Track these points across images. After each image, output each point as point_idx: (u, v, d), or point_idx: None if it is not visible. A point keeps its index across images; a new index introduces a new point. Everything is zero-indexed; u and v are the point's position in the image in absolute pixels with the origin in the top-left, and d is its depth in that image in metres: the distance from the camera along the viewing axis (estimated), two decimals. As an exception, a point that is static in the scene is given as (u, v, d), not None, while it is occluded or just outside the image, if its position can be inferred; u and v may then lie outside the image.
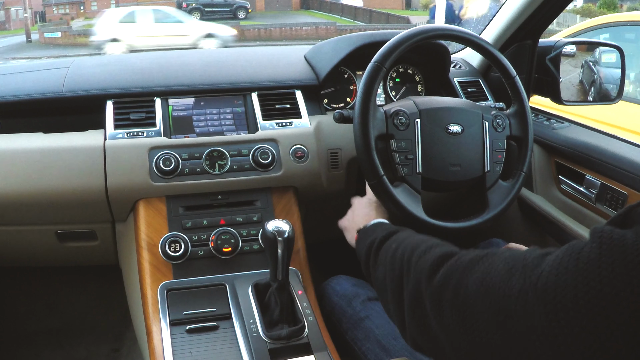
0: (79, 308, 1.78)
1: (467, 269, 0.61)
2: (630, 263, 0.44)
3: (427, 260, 0.69)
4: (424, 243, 0.76)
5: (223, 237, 1.11)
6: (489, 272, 0.58)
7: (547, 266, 0.50)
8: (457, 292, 0.60)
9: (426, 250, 0.73)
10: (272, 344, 0.95)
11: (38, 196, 1.13)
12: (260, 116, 1.25)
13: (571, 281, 0.47)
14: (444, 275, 0.64)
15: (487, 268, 0.58)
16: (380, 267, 0.83)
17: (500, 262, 0.58)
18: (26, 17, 17.26)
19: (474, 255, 0.63)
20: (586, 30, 3.26)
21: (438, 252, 0.70)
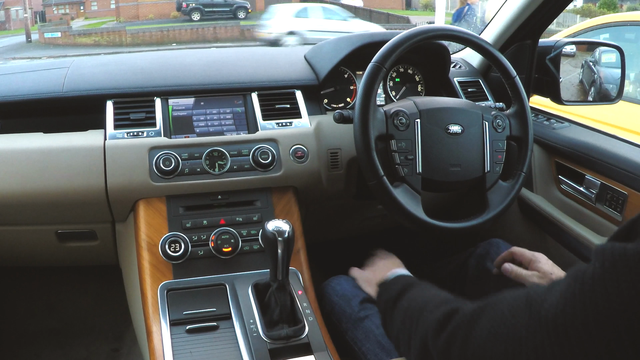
0: (79, 308, 1.78)
1: (471, 321, 0.62)
2: (635, 274, 0.43)
3: (433, 319, 0.70)
4: (432, 302, 0.77)
5: (223, 237, 1.11)
6: (494, 319, 0.58)
7: (554, 298, 0.49)
8: (466, 345, 0.61)
9: (433, 310, 0.73)
10: (272, 344, 0.95)
11: (38, 196, 1.13)
12: (260, 116, 1.25)
13: (580, 306, 0.46)
14: (451, 331, 0.65)
15: (492, 316, 0.59)
16: (395, 324, 0.85)
17: (504, 307, 0.58)
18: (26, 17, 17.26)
19: (475, 307, 0.64)
20: (586, 30, 3.26)
21: (442, 310, 0.70)
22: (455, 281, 1.26)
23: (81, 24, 19.87)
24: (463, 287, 1.24)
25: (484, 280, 1.18)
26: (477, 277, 1.20)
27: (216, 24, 17.26)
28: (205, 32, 16.51)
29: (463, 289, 1.23)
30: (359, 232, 1.69)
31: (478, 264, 1.21)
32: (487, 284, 1.16)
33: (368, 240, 1.90)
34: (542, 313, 0.50)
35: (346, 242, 1.92)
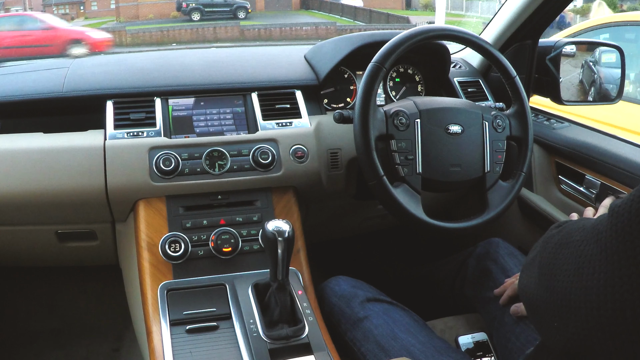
0: (79, 308, 1.78)
1: (549, 234, 0.70)
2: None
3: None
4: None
5: (223, 237, 1.11)
6: (566, 231, 0.65)
7: (617, 207, 0.55)
8: (540, 256, 0.68)
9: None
10: (272, 344, 0.95)
11: (38, 196, 1.13)
12: (260, 116, 1.25)
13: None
14: (544, 240, 0.72)
15: (563, 229, 0.67)
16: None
17: (576, 222, 0.69)
18: (26, 17, 17.23)
19: (555, 225, 0.75)
20: (586, 30, 3.26)
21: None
22: (455, 281, 1.26)
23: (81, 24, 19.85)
24: (463, 287, 1.24)
25: (483, 280, 1.18)
26: (477, 277, 1.20)
27: (216, 24, 17.24)
28: (205, 32, 16.49)
29: (463, 289, 1.23)
30: (359, 232, 1.69)
31: (478, 263, 1.21)
32: (487, 283, 1.16)
33: (368, 240, 1.91)
34: (604, 217, 0.56)
35: (346, 242, 1.92)
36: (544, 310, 0.65)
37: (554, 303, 0.62)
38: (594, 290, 0.55)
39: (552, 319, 0.62)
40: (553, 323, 0.62)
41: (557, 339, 0.62)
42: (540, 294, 0.66)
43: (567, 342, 0.60)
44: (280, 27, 16.94)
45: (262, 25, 17.18)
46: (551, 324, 0.63)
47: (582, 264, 0.58)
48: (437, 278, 1.34)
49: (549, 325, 0.63)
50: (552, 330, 0.63)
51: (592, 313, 0.55)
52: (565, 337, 0.60)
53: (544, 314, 0.65)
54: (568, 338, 0.60)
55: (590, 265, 0.56)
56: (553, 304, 0.62)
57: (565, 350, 0.62)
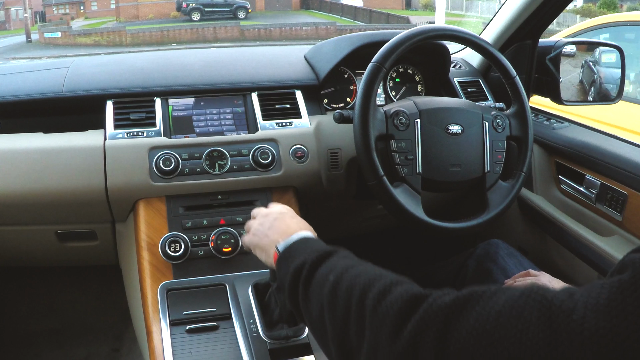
0: (79, 308, 1.78)
1: (449, 316, 0.48)
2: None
3: (389, 308, 0.53)
4: (377, 280, 0.58)
5: (223, 237, 1.11)
6: (486, 317, 0.46)
7: (588, 310, 0.41)
8: (441, 349, 0.47)
9: (385, 291, 0.56)
10: (272, 344, 0.95)
11: (38, 196, 1.13)
12: (260, 116, 1.25)
13: (631, 317, 0.39)
14: (417, 326, 0.49)
15: (481, 315, 0.46)
16: (314, 302, 0.65)
17: (500, 306, 0.46)
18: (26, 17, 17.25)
19: (453, 297, 0.51)
20: (586, 30, 3.26)
21: (404, 295, 0.54)
22: (455, 282, 1.26)
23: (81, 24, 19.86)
24: (463, 288, 1.23)
25: (483, 281, 1.17)
26: (477, 278, 1.20)
27: (216, 24, 17.25)
28: (205, 32, 16.50)
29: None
30: (359, 232, 1.69)
31: (478, 264, 1.21)
32: (487, 285, 1.16)
33: (368, 240, 1.91)
34: (573, 327, 0.40)
35: (346, 242, 1.92)
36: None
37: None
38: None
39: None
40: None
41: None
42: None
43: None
44: (280, 27, 16.95)
45: (262, 25, 17.19)
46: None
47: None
48: (437, 279, 1.34)
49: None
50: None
51: None
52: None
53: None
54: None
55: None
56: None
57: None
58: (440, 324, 0.48)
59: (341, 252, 0.70)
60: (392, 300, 0.54)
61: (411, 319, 0.50)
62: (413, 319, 0.50)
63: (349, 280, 0.61)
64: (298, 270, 0.69)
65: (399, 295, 0.54)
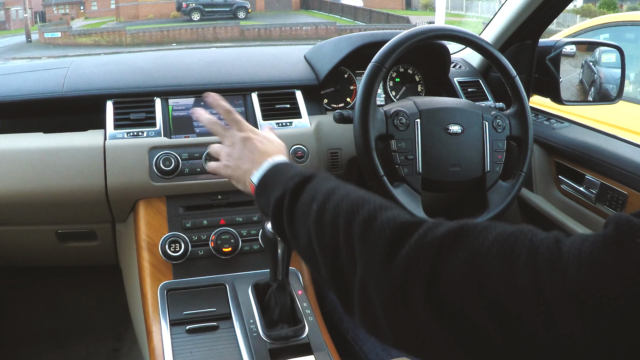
0: (79, 308, 1.78)
1: (441, 250, 0.47)
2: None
3: (378, 236, 0.51)
4: (363, 204, 0.57)
5: (223, 237, 1.11)
6: (476, 256, 0.45)
7: (571, 261, 0.40)
8: (432, 285, 0.46)
9: (371, 217, 0.54)
10: (272, 344, 0.95)
11: (38, 196, 1.13)
12: (260, 116, 1.25)
13: (616, 272, 0.38)
14: (408, 259, 0.48)
15: (471, 251, 0.45)
16: (300, 231, 0.63)
17: (490, 243, 0.45)
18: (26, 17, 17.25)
19: (445, 230, 0.48)
20: (586, 30, 3.26)
21: (392, 223, 0.52)
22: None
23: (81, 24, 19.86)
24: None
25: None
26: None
27: (216, 24, 17.25)
28: (205, 32, 16.50)
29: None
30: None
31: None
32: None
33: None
34: (557, 276, 0.40)
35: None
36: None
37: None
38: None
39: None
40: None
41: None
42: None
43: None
44: (280, 27, 16.96)
45: (262, 25, 17.19)
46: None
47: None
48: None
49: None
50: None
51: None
52: None
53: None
54: None
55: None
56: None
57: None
58: (431, 257, 0.47)
59: (320, 174, 0.68)
60: (380, 227, 0.52)
61: (401, 249, 0.49)
62: (403, 249, 0.49)
63: (332, 207, 0.59)
64: (279, 201, 0.67)
65: (386, 222, 0.52)
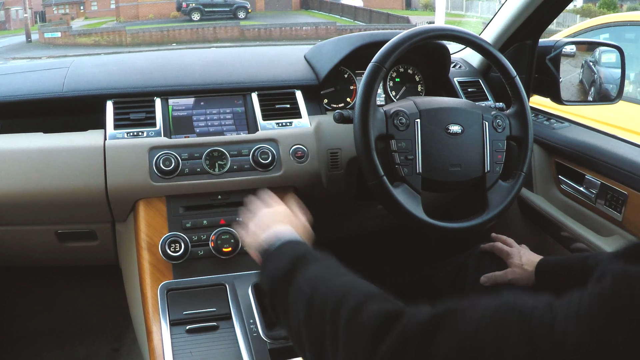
0: (79, 308, 1.78)
1: (428, 331, 0.47)
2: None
3: (363, 327, 0.52)
4: (349, 296, 0.57)
5: (223, 237, 1.11)
6: (464, 334, 0.44)
7: (569, 323, 0.40)
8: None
9: (357, 308, 0.54)
10: (272, 344, 0.95)
11: (38, 196, 1.13)
12: (260, 116, 1.25)
13: (608, 324, 0.38)
14: (394, 345, 0.48)
15: (459, 329, 0.45)
16: (291, 315, 0.64)
17: (478, 319, 0.44)
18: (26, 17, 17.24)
19: (430, 315, 0.48)
20: (586, 30, 3.26)
21: (377, 313, 0.52)
22: (455, 282, 1.26)
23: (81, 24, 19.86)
24: (463, 288, 1.23)
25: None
26: (477, 278, 1.20)
27: (216, 24, 17.24)
28: (205, 32, 16.49)
29: (463, 290, 1.23)
30: (359, 232, 1.69)
31: (478, 264, 1.21)
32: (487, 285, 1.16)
33: (368, 240, 1.91)
34: (554, 340, 0.39)
35: (346, 242, 1.92)
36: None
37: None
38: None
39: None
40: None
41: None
42: None
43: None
44: (280, 27, 16.95)
45: (262, 25, 17.18)
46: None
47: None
48: (437, 279, 1.33)
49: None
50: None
51: None
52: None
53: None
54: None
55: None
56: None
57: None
58: (418, 343, 0.46)
59: (316, 257, 0.69)
60: (365, 319, 0.52)
61: (386, 339, 0.49)
62: (388, 338, 0.49)
63: (323, 294, 0.60)
64: (272, 278, 0.69)
65: (372, 313, 0.52)
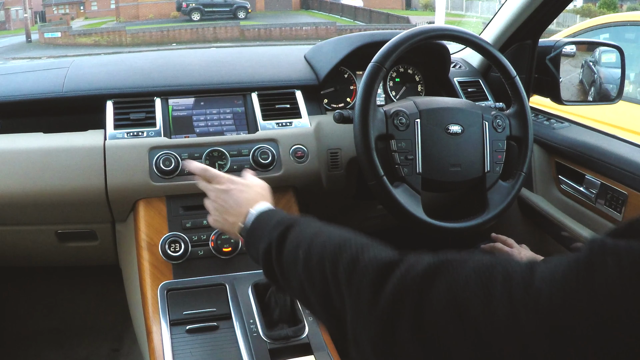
0: (79, 308, 1.78)
1: (423, 286, 0.48)
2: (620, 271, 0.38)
3: (363, 277, 0.54)
4: (344, 249, 0.60)
5: (223, 237, 1.11)
6: (456, 289, 0.46)
7: (544, 284, 0.41)
8: (418, 319, 0.47)
9: (354, 260, 0.57)
10: (272, 344, 0.95)
11: (38, 196, 1.13)
12: (260, 116, 1.25)
13: (586, 298, 0.39)
14: (393, 296, 0.50)
15: (451, 284, 0.47)
16: (292, 280, 0.67)
17: (468, 275, 0.46)
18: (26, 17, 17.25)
19: (425, 265, 0.50)
20: (586, 30, 3.26)
21: (375, 263, 0.55)
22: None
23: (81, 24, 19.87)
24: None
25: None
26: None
27: (216, 24, 17.25)
28: (205, 32, 16.50)
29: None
30: (358, 232, 1.69)
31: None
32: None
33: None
34: (528, 301, 0.41)
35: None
36: None
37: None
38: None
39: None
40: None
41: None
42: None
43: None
44: (280, 27, 16.95)
45: (262, 25, 17.19)
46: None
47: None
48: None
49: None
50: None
51: None
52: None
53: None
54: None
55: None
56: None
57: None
58: (414, 293, 0.48)
59: (301, 219, 0.73)
60: (363, 269, 0.55)
61: (385, 288, 0.51)
62: (387, 287, 0.51)
63: (317, 253, 0.63)
64: (267, 252, 0.72)
65: (369, 263, 0.55)
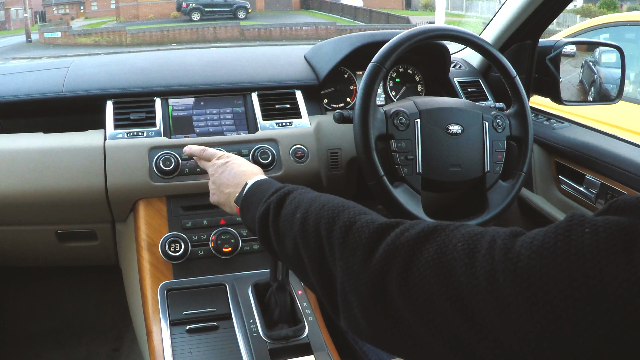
0: (79, 308, 1.78)
1: (414, 247, 0.50)
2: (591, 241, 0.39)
3: (357, 239, 0.56)
4: (343, 209, 0.62)
5: (223, 237, 1.11)
6: (444, 251, 0.48)
7: (523, 248, 0.42)
8: (405, 277, 0.49)
9: (350, 222, 0.59)
10: (272, 344, 0.95)
11: (38, 196, 1.13)
12: (260, 116, 1.25)
13: (564, 264, 0.39)
14: (385, 256, 0.52)
15: (440, 247, 0.48)
16: (287, 240, 0.68)
17: (457, 239, 0.48)
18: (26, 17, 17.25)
19: (419, 229, 0.52)
20: (586, 30, 3.26)
21: (372, 225, 0.56)
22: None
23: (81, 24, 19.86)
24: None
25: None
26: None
27: (216, 24, 17.25)
28: (205, 32, 16.50)
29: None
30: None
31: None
32: None
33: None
34: (508, 264, 0.42)
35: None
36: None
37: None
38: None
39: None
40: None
41: None
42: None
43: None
44: (280, 27, 16.95)
45: (262, 25, 17.18)
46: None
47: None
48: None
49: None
50: None
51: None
52: None
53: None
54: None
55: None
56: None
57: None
58: (405, 253, 0.50)
59: (299, 188, 0.74)
60: (359, 229, 0.57)
61: (379, 248, 0.53)
62: (381, 247, 0.52)
63: (315, 214, 0.64)
64: (264, 215, 0.73)
65: (365, 224, 0.57)
